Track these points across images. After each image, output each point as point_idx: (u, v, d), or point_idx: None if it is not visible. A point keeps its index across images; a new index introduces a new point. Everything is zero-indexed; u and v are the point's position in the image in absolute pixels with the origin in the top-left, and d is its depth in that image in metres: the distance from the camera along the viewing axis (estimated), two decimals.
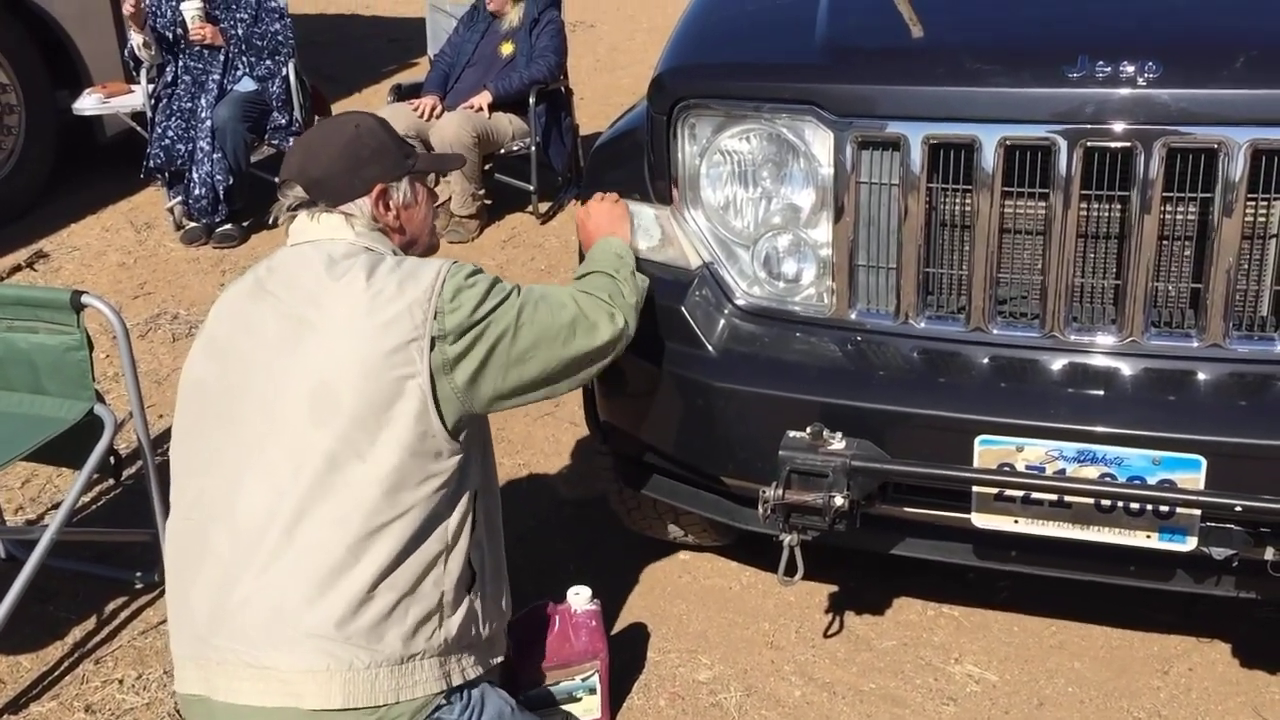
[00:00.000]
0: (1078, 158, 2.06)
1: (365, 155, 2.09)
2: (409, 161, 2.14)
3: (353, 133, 2.12)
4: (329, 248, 2.03)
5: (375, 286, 1.94)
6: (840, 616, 2.82)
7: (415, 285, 1.95)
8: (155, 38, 5.23)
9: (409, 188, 2.14)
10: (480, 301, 1.98)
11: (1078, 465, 2.07)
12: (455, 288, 1.96)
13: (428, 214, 2.20)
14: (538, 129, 5.29)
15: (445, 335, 1.94)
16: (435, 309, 1.93)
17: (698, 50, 2.52)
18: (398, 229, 2.14)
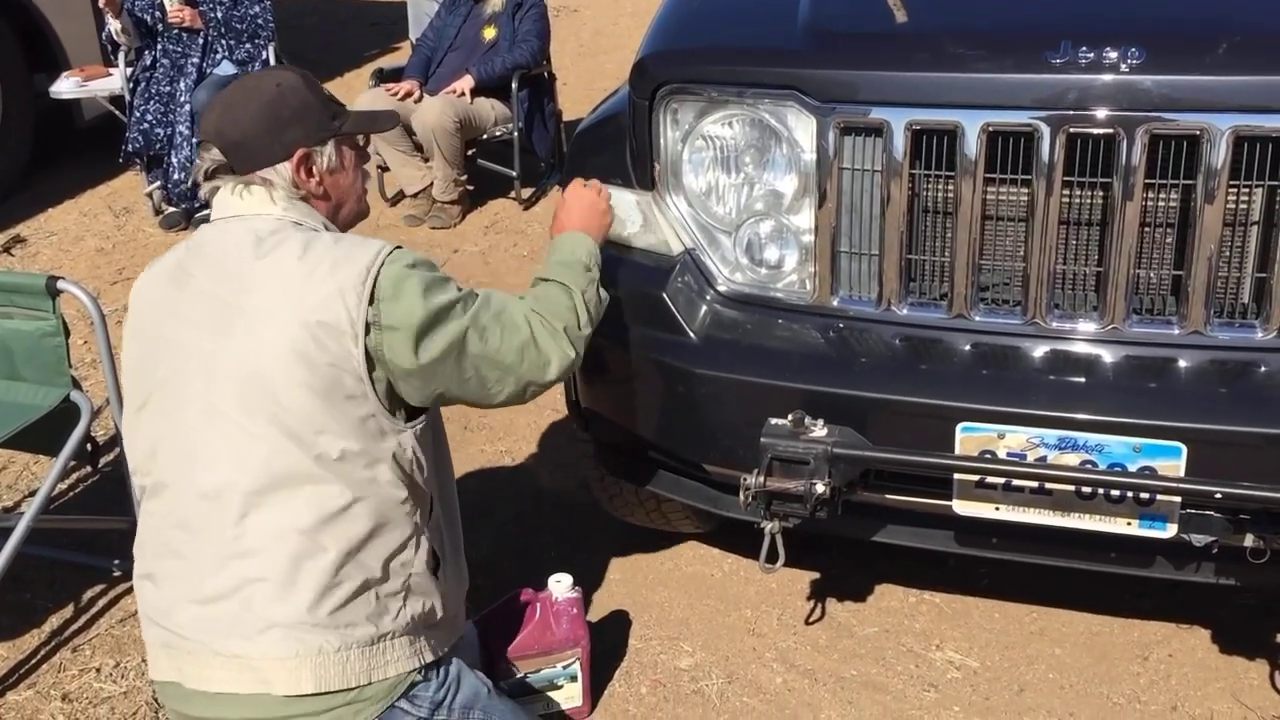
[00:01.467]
0: (1060, 144, 2.06)
1: (287, 116, 1.95)
2: (335, 123, 2.00)
3: (274, 91, 1.96)
4: (254, 224, 1.92)
5: (306, 266, 1.84)
6: (822, 603, 2.82)
7: (350, 267, 1.84)
8: (134, 21, 5.17)
9: (334, 151, 2.00)
10: (423, 295, 1.86)
11: (1059, 452, 2.07)
12: (395, 276, 1.85)
13: (356, 178, 2.06)
14: (520, 114, 5.26)
15: (381, 325, 1.84)
16: (371, 294, 1.83)
17: (680, 35, 2.51)
18: (322, 195, 2.01)
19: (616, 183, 2.46)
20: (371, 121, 2.19)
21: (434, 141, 5.03)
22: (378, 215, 5.38)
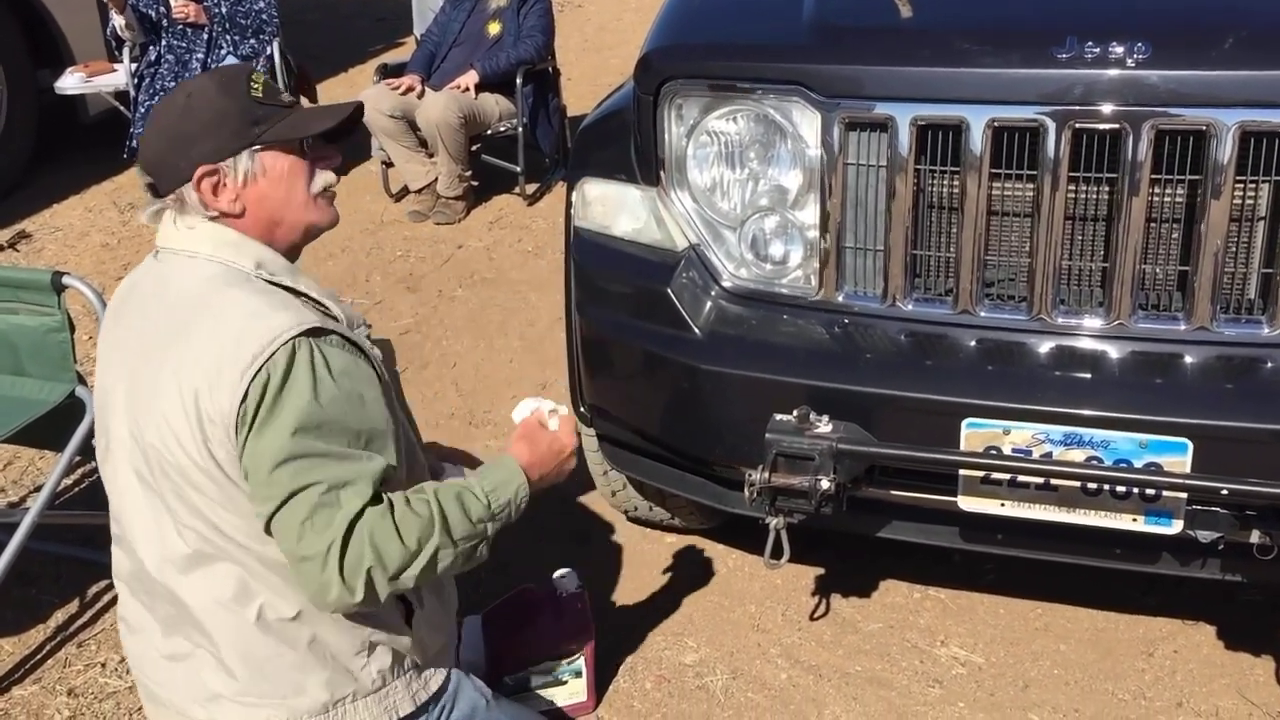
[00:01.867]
0: (1066, 139, 2.05)
1: (194, 131, 1.73)
2: (256, 130, 1.74)
3: (181, 105, 1.76)
4: (180, 269, 1.76)
5: (205, 338, 1.66)
6: (826, 599, 2.82)
7: (238, 352, 1.62)
8: (138, 17, 5.17)
9: (253, 161, 1.74)
10: (291, 432, 1.62)
11: (1064, 448, 2.06)
12: (269, 382, 1.62)
13: (294, 188, 1.78)
14: (525, 110, 5.25)
15: (248, 432, 1.64)
16: (245, 393, 1.62)
17: (685, 30, 2.50)
18: (239, 214, 1.75)
19: (621, 178, 2.46)
20: (308, 121, 1.80)
21: (438, 137, 5.03)
22: (382, 211, 5.39)
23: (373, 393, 1.72)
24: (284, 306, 1.69)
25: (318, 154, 1.83)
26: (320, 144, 1.84)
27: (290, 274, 1.78)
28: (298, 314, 1.68)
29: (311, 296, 1.76)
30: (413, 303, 4.50)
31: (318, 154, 1.83)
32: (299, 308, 1.70)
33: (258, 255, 1.76)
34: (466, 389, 3.86)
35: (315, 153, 1.82)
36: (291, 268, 1.80)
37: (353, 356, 1.71)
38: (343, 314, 1.79)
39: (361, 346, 1.75)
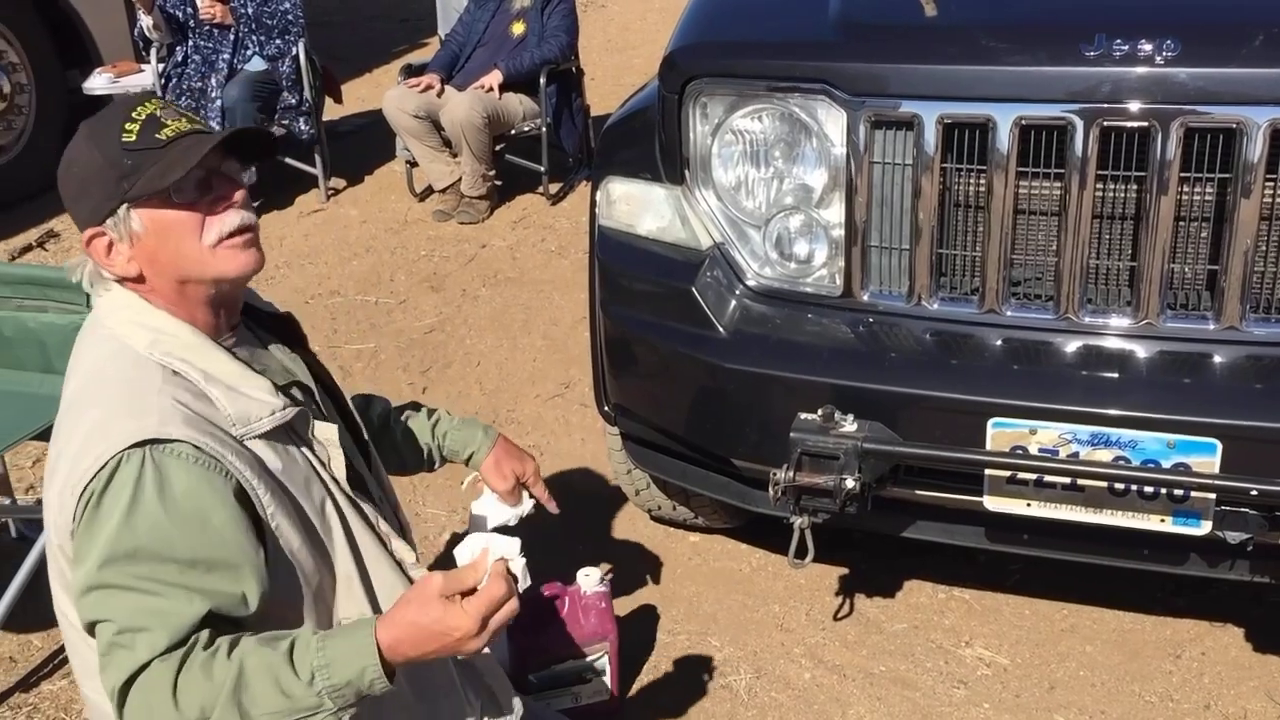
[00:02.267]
0: (1094, 137, 2.04)
1: (73, 191, 1.58)
2: (125, 185, 1.52)
3: (64, 161, 1.60)
4: (90, 334, 1.63)
5: (70, 429, 1.53)
6: (850, 599, 2.81)
7: (76, 466, 1.47)
8: (165, 18, 5.21)
9: (130, 218, 1.54)
10: (99, 562, 1.45)
11: (1091, 448, 2.05)
12: (90, 501, 1.46)
13: (182, 241, 1.55)
14: (548, 110, 5.26)
15: (74, 550, 1.50)
16: (74, 509, 1.48)
17: (709, 28, 2.50)
18: (136, 276, 1.57)
19: (645, 177, 2.46)
20: (170, 169, 1.52)
21: (462, 137, 5.04)
22: (406, 210, 5.41)
23: (223, 515, 1.47)
24: (137, 411, 1.48)
25: (216, 196, 1.58)
26: (221, 181, 1.59)
27: (194, 349, 1.57)
28: (141, 419, 1.47)
29: (195, 385, 1.54)
30: (437, 302, 4.51)
31: (216, 196, 1.58)
32: (156, 408, 1.48)
33: (157, 329, 1.57)
34: (490, 388, 3.87)
35: (215, 194, 1.58)
36: (196, 342, 1.58)
37: (204, 472, 1.47)
38: (246, 403, 1.56)
39: (224, 459, 1.49)
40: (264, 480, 1.53)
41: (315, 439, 1.64)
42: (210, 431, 1.50)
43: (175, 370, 1.54)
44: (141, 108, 1.56)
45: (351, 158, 6.00)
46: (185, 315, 1.59)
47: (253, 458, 1.53)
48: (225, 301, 1.64)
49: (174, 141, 1.54)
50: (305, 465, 1.61)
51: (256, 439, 1.55)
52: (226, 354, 1.61)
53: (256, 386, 1.59)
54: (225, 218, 1.57)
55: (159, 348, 1.55)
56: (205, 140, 1.55)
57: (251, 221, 1.61)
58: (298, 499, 1.58)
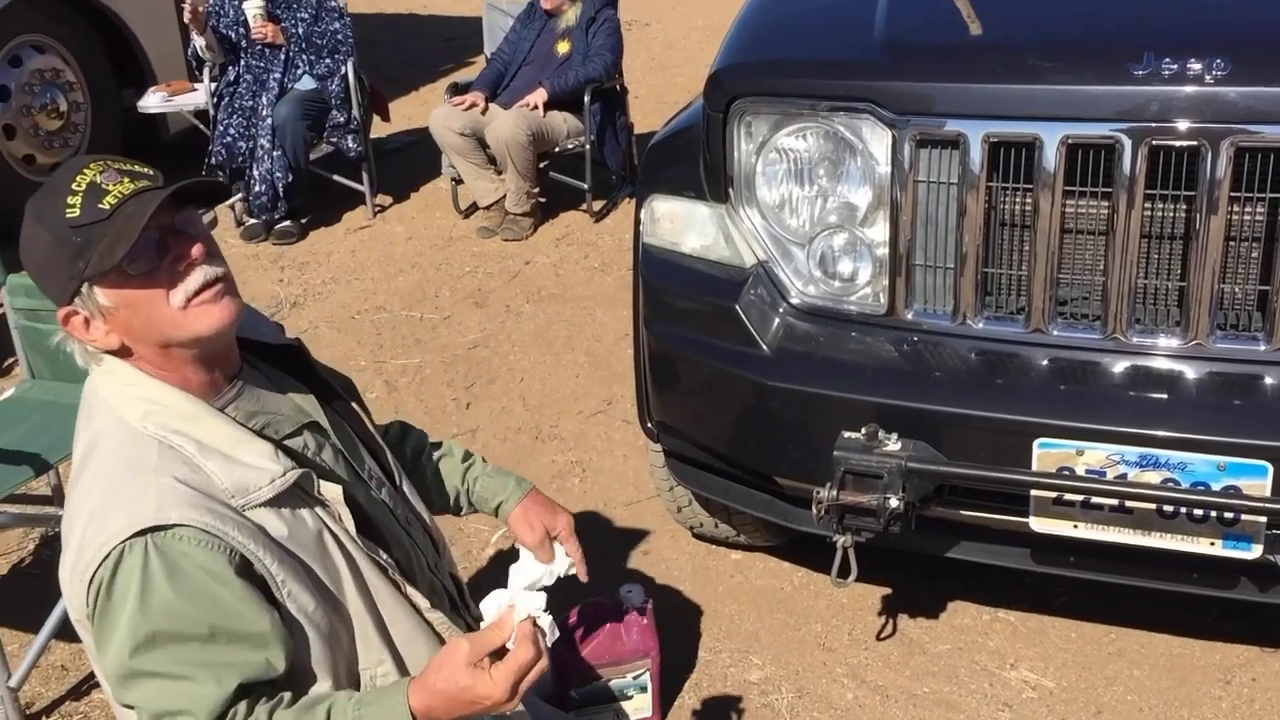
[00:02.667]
0: (1142, 157, 2.02)
1: (36, 274, 1.54)
2: (79, 264, 1.46)
3: (20, 250, 1.54)
4: (88, 407, 1.60)
5: (73, 512, 1.52)
6: (893, 619, 2.79)
7: (80, 557, 1.47)
8: (218, 38, 5.31)
9: (100, 293, 1.49)
10: (131, 650, 1.45)
11: (1139, 470, 2.03)
12: (100, 593, 1.45)
13: (153, 309, 1.50)
14: (592, 127, 5.29)
15: (94, 637, 1.50)
16: (85, 598, 1.47)
17: (754, 47, 2.51)
18: (119, 349, 1.54)
19: (689, 195, 2.47)
20: (115, 245, 1.45)
21: (507, 154, 5.09)
22: (451, 227, 5.46)
23: (233, 589, 1.46)
24: (131, 495, 1.46)
25: (175, 256, 1.51)
26: (177, 240, 1.51)
27: (188, 419, 1.54)
28: (138, 506, 1.45)
29: (191, 459, 1.51)
30: (480, 318, 4.55)
31: (175, 256, 1.51)
32: (154, 490, 1.46)
33: (149, 399, 1.53)
34: (533, 403, 3.89)
35: (173, 254, 1.51)
36: (190, 410, 1.54)
37: (207, 552, 1.45)
38: (244, 473, 1.52)
39: (226, 536, 1.47)
40: (269, 549, 1.51)
41: (323, 497, 1.60)
42: (209, 508, 1.47)
43: (169, 444, 1.51)
44: (80, 176, 1.48)
45: (398, 175, 6.07)
46: (176, 379, 1.55)
47: (255, 529, 1.51)
48: (214, 355, 1.59)
49: (118, 209, 1.47)
50: (314, 523, 1.58)
51: (258, 507, 1.52)
52: (223, 419, 1.57)
53: (255, 452, 1.55)
54: (189, 278, 1.51)
55: (152, 420, 1.52)
56: (147, 203, 1.47)
57: (217, 273, 1.54)
58: (308, 561, 1.56)
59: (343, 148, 5.48)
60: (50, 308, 2.74)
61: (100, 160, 1.51)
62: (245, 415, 1.61)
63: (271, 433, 1.61)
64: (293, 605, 1.53)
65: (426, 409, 3.85)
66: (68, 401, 2.80)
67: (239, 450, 1.54)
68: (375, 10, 10.29)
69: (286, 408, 1.69)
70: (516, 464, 3.52)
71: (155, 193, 1.49)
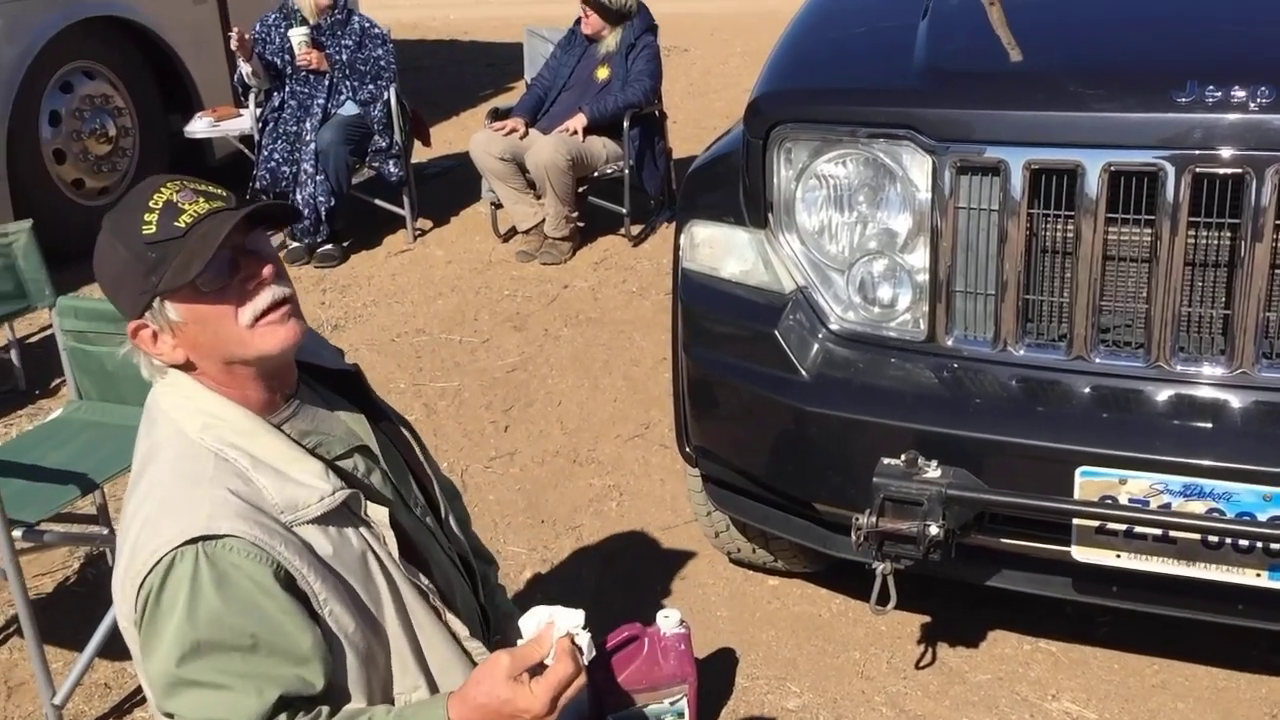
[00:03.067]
0: (1186, 184, 2.01)
1: (108, 287, 1.59)
2: (153, 279, 1.51)
3: (95, 258, 1.58)
4: (149, 416, 1.65)
5: (130, 517, 1.56)
6: (933, 648, 2.77)
7: (133, 561, 1.50)
8: (264, 65, 5.39)
9: (165, 309, 1.54)
10: (178, 659, 1.48)
11: (1184, 500, 2.01)
12: (149, 598, 1.48)
13: (221, 326, 1.54)
14: (631, 152, 5.33)
15: (138, 637, 1.53)
16: (134, 600, 1.51)
17: (794, 74, 2.52)
18: (184, 364, 1.59)
19: (729, 221, 2.48)
20: (190, 262, 1.50)
21: (546, 179, 5.13)
22: (490, 251, 5.50)
23: (277, 603, 1.49)
24: (188, 506, 1.49)
25: (245, 275, 1.56)
26: (249, 259, 1.56)
27: (244, 434, 1.58)
28: (191, 515, 1.48)
29: (244, 473, 1.54)
30: (519, 341, 4.57)
31: (245, 275, 1.56)
32: (207, 501, 1.50)
33: (209, 413, 1.58)
34: (571, 427, 3.90)
35: (243, 274, 1.55)
36: (247, 425, 1.58)
37: (254, 564, 1.48)
38: (294, 489, 1.55)
39: (273, 550, 1.50)
40: (314, 566, 1.53)
41: (370, 519, 1.63)
42: (259, 521, 1.50)
43: (225, 457, 1.55)
44: (157, 195, 1.53)
45: (438, 199, 6.13)
46: (237, 395, 1.60)
47: (302, 545, 1.53)
48: (274, 374, 1.63)
49: (193, 228, 1.51)
50: (359, 544, 1.61)
51: (306, 524, 1.55)
52: (278, 435, 1.60)
53: (306, 471, 1.58)
54: (258, 297, 1.56)
55: (210, 433, 1.56)
56: (222, 223, 1.52)
57: (285, 294, 1.58)
58: (350, 581, 1.58)
59: (384, 172, 5.54)
60: (98, 329, 2.79)
61: (177, 180, 1.57)
62: (299, 434, 1.64)
63: (323, 452, 1.64)
64: (333, 623, 1.55)
65: (465, 432, 3.87)
66: (114, 422, 2.86)
67: (291, 467, 1.57)
68: (418, 36, 10.43)
69: (339, 429, 1.72)
70: (554, 487, 3.53)
71: (230, 213, 1.54)
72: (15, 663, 2.87)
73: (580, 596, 2.97)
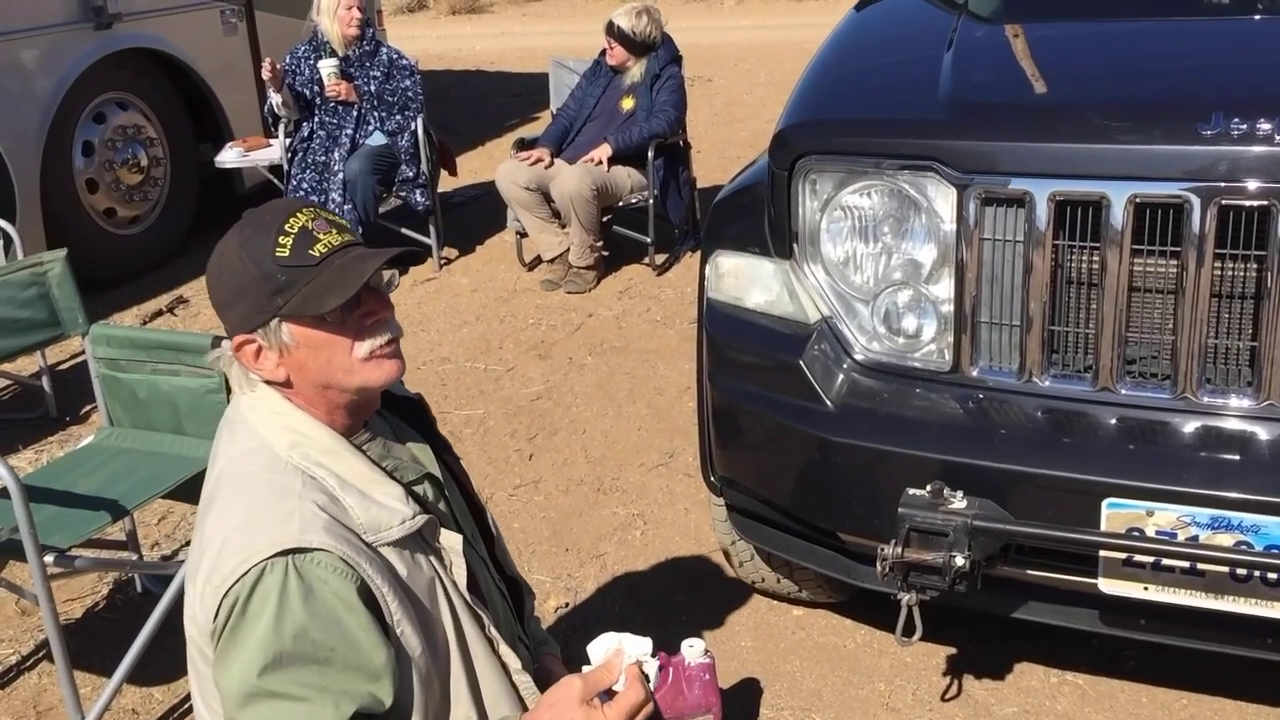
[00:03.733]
0: (1211, 216, 2.02)
1: (224, 298, 1.61)
2: (277, 301, 1.55)
3: (216, 265, 1.62)
4: (233, 428, 1.66)
5: (212, 526, 1.56)
6: (959, 680, 2.75)
7: (218, 564, 1.50)
8: (294, 95, 5.47)
9: (281, 331, 1.57)
10: (259, 670, 1.47)
11: (1212, 532, 2.00)
12: (235, 606, 1.48)
13: (333, 356, 1.59)
14: (656, 182, 5.36)
15: (215, 644, 1.52)
16: (215, 611, 1.50)
17: (820, 106, 2.54)
18: (283, 381, 1.62)
19: (754, 251, 2.49)
20: (324, 295, 1.54)
21: (571, 208, 5.16)
22: (515, 279, 5.53)
23: (359, 620, 1.51)
24: (279, 517, 1.51)
25: (365, 311, 1.60)
26: (370, 297, 1.60)
27: (331, 454, 1.61)
28: (282, 526, 1.50)
29: (331, 491, 1.57)
30: (544, 369, 4.59)
31: (365, 311, 1.60)
32: (298, 514, 1.52)
33: (298, 431, 1.61)
34: (595, 455, 3.91)
35: (363, 309, 1.60)
36: (334, 446, 1.62)
37: (341, 580, 1.50)
38: (378, 511, 1.58)
39: (359, 567, 1.52)
40: (392, 587, 1.56)
41: (440, 546, 1.66)
42: (346, 538, 1.53)
43: (312, 475, 1.58)
44: (293, 219, 1.57)
45: (464, 228, 6.18)
46: (324, 416, 1.63)
47: (384, 564, 1.56)
48: (365, 402, 1.67)
49: (327, 258, 1.56)
50: (429, 570, 1.64)
51: (385, 545, 1.58)
52: (361, 458, 1.63)
53: (388, 494, 1.61)
54: (375, 334, 1.61)
55: (298, 450, 1.59)
56: (363, 261, 1.56)
57: (398, 333, 1.65)
58: (420, 605, 1.60)
59: (411, 201, 5.60)
60: (130, 357, 2.82)
61: (311, 208, 1.61)
62: (377, 457, 1.67)
63: (399, 476, 1.67)
64: (402, 645, 1.57)
65: (490, 459, 3.89)
66: (145, 449, 2.90)
67: (374, 489, 1.60)
68: (444, 67, 10.54)
69: (407, 456, 1.75)
70: (578, 516, 3.54)
71: (373, 254, 1.59)
72: (44, 687, 2.89)
73: (605, 625, 2.97)
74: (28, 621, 3.14)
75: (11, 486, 2.36)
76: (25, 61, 5.15)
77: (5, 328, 3.07)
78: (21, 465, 3.81)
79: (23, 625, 3.13)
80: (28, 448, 4.12)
